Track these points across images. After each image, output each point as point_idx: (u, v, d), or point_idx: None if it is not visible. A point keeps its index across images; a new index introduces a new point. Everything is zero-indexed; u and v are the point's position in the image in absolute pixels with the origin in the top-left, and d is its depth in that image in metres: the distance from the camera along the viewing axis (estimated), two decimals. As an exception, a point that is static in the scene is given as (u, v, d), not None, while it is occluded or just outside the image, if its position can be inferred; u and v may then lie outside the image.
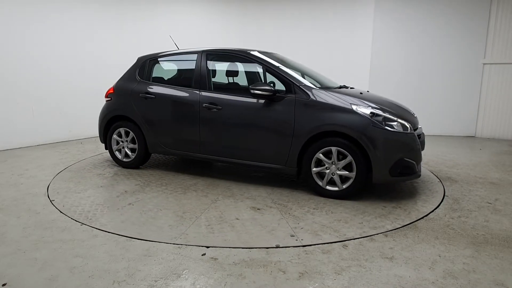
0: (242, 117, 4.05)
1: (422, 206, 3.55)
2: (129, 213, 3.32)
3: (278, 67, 4.03)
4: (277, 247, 2.71)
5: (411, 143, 3.63)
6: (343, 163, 3.63)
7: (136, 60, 4.96)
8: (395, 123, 3.62)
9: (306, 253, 2.58)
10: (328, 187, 3.75)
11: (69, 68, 6.81)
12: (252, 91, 3.81)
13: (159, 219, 3.19)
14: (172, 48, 5.31)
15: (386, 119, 3.61)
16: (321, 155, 3.70)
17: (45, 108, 6.55)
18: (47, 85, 6.52)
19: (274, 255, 2.56)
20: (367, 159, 3.56)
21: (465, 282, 2.23)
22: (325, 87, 4.06)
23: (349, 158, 3.59)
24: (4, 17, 5.87)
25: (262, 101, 3.92)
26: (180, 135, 4.45)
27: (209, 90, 4.29)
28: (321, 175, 3.79)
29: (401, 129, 3.61)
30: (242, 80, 5.01)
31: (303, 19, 8.38)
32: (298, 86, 3.82)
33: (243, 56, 4.27)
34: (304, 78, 4.06)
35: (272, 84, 4.40)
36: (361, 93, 4.19)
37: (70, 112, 6.84)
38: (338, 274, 2.31)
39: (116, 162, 5.00)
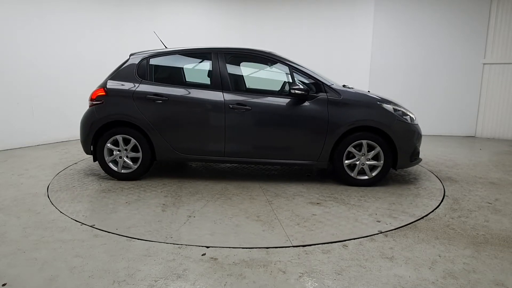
0: (274, 117, 4.10)
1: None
2: (204, 225, 3.07)
3: (306, 68, 4.22)
4: (380, 232, 2.96)
5: (419, 132, 4.25)
6: (372, 153, 4.07)
7: (129, 58, 4.43)
8: (408, 116, 4.19)
9: (306, 253, 2.58)
10: (359, 177, 4.15)
11: (69, 69, 6.82)
12: (292, 90, 3.96)
13: (244, 226, 3.05)
14: (172, 48, 5.23)
15: (403, 113, 4.16)
16: (352, 148, 4.07)
17: (45, 108, 6.55)
18: (47, 85, 6.53)
19: (274, 255, 2.55)
20: (392, 149, 4.06)
21: (465, 282, 2.23)
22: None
23: (378, 149, 4.05)
24: (4, 17, 5.87)
25: (291, 100, 4.08)
26: (202, 139, 4.18)
27: (233, 90, 4.18)
28: (349, 166, 4.15)
29: (410, 121, 4.18)
30: (258, 81, 5.01)
31: (303, 18, 8.38)
32: (329, 86, 4.11)
33: (266, 57, 4.27)
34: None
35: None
36: (368, 91, 4.49)
37: (70, 112, 6.84)
38: (338, 274, 2.31)
39: (110, 175, 4.35)
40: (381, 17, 7.84)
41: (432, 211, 3.43)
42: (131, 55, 4.48)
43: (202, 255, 2.56)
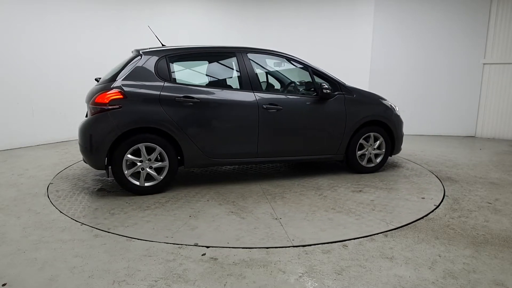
0: (303, 115, 4.28)
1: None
2: (302, 224, 3.10)
3: (322, 69, 4.51)
4: (436, 207, 3.53)
5: (403, 122, 4.95)
6: (378, 144, 4.67)
7: (141, 56, 3.89)
8: (396, 109, 4.85)
9: (306, 253, 2.58)
10: (367, 165, 4.68)
11: (69, 68, 6.81)
12: (324, 90, 4.21)
13: (337, 219, 3.22)
14: (193, 45, 4.53)
15: (394, 107, 4.82)
16: (363, 140, 4.57)
17: (45, 109, 6.55)
18: (47, 85, 6.53)
19: (274, 255, 2.55)
20: (391, 138, 4.71)
21: (465, 282, 2.23)
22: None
23: (381, 139, 4.65)
24: (4, 18, 5.88)
25: (316, 99, 4.32)
26: (236, 141, 4.04)
27: (263, 90, 4.22)
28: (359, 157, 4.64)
29: (397, 113, 4.85)
30: (280, 81, 5.06)
31: (303, 17, 8.38)
32: (344, 85, 4.50)
33: (287, 58, 4.42)
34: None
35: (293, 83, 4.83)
36: None
37: (70, 112, 6.84)
38: (338, 274, 2.31)
39: (131, 191, 3.77)
40: (381, 17, 7.83)
41: (432, 211, 3.43)
42: (142, 52, 3.94)
43: (202, 255, 2.56)
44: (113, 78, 3.83)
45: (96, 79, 4.29)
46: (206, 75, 4.47)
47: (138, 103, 3.71)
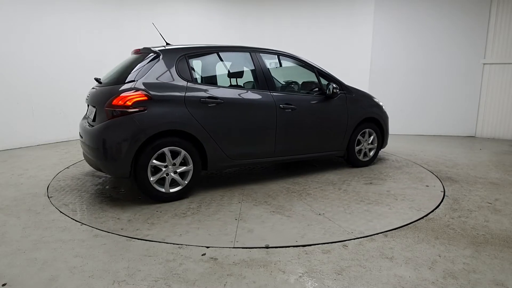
0: (314, 114, 4.47)
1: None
2: (345, 217, 3.21)
3: (324, 70, 4.72)
4: (443, 193, 3.93)
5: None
6: (371, 139, 5.03)
7: (159, 55, 3.67)
8: (381, 104, 5.21)
9: (306, 253, 2.58)
10: (363, 159, 5.02)
11: (69, 68, 6.81)
12: (335, 90, 4.45)
13: (373, 210, 3.40)
14: (207, 44, 4.44)
15: (382, 105, 5.20)
16: (360, 136, 4.91)
17: (45, 108, 6.55)
18: (47, 85, 6.53)
19: (274, 255, 2.55)
20: (381, 133, 5.11)
21: (465, 282, 2.23)
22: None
23: (374, 135, 5.03)
24: (4, 17, 5.88)
25: (323, 98, 4.53)
26: (256, 141, 4.03)
27: (278, 90, 4.35)
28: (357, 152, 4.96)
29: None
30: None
31: (303, 18, 8.38)
32: (345, 85, 4.76)
33: (295, 59, 4.56)
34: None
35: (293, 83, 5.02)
36: None
37: (70, 112, 6.84)
38: (338, 274, 2.31)
39: (155, 198, 3.54)
40: (381, 17, 7.84)
41: (432, 211, 3.43)
42: (160, 50, 3.73)
43: (202, 255, 2.56)
44: (122, 79, 3.58)
45: (96, 79, 4.25)
46: (223, 74, 4.37)
47: (164, 105, 3.47)
